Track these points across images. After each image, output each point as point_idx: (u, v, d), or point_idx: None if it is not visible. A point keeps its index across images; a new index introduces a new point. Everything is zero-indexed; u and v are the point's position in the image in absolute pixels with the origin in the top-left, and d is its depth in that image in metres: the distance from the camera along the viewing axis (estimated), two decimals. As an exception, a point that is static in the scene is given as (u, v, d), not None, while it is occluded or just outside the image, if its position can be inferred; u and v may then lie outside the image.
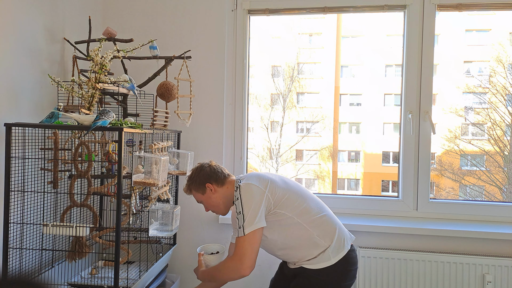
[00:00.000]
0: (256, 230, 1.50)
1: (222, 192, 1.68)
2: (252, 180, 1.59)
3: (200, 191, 1.69)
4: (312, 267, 1.58)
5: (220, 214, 1.76)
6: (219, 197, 1.68)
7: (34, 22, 1.75)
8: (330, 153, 6.30)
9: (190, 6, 2.28)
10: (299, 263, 1.62)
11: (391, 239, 2.12)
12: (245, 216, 1.51)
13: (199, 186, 1.69)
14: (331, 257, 1.58)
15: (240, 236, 1.51)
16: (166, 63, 1.95)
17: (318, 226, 1.60)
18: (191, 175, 1.73)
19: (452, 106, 4.18)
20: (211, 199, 1.69)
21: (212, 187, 1.67)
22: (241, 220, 1.51)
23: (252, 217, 1.51)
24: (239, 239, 1.51)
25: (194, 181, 1.70)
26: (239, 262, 1.51)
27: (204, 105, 2.25)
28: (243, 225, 1.50)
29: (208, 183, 1.67)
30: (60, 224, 1.53)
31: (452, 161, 4.41)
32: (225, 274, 1.57)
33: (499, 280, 1.98)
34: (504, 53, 3.83)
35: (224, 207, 1.71)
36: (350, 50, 6.36)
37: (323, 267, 1.57)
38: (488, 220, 2.17)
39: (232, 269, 1.53)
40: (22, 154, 1.58)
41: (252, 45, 2.39)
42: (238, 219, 1.53)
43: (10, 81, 1.61)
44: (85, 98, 1.66)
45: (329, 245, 1.58)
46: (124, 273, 1.79)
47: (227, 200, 1.69)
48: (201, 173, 1.69)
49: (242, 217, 1.52)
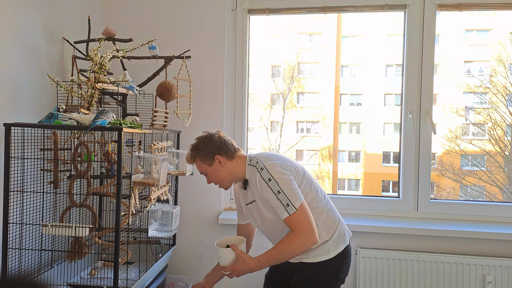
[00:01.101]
0: (303, 202, 1.48)
1: (230, 166, 1.58)
2: (275, 161, 1.54)
3: (207, 162, 1.58)
4: (311, 260, 1.57)
5: (223, 188, 1.66)
6: (227, 171, 1.58)
7: (33, 21, 1.74)
8: (330, 153, 6.29)
9: (189, 6, 2.27)
10: (298, 257, 1.60)
11: (392, 239, 2.11)
12: (287, 193, 1.47)
13: (206, 156, 1.57)
14: (330, 250, 1.57)
15: (293, 213, 1.46)
16: (165, 63, 1.95)
17: (322, 218, 1.59)
18: (197, 144, 1.59)
19: (452, 106, 4.17)
20: (218, 172, 1.59)
21: (221, 160, 1.57)
22: (284, 199, 1.46)
23: (294, 192, 1.48)
24: (293, 216, 1.46)
25: (201, 150, 1.57)
26: (307, 234, 1.46)
27: (203, 105, 2.25)
28: (290, 202, 1.46)
29: (218, 154, 1.56)
30: (60, 225, 1.53)
31: (452, 161, 4.40)
32: (295, 251, 1.50)
33: (499, 280, 1.97)
34: (504, 53, 3.82)
35: (229, 182, 1.62)
36: (350, 50, 6.35)
37: (322, 260, 1.57)
38: (488, 220, 2.16)
39: (302, 243, 1.47)
40: (22, 154, 1.58)
41: (252, 45, 2.38)
42: (280, 199, 1.47)
43: (10, 81, 1.61)
44: (84, 98, 1.65)
45: (329, 238, 1.58)
46: (124, 274, 1.78)
47: (234, 175, 1.60)
48: (211, 143, 1.57)
49: (284, 195, 1.46)
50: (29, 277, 1.60)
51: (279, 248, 1.50)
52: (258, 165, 1.53)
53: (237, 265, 1.51)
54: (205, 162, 1.59)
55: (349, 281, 2.16)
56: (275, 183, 1.48)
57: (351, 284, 2.16)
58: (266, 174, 1.49)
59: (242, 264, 1.50)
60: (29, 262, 1.61)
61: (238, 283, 2.26)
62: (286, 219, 1.48)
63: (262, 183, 1.50)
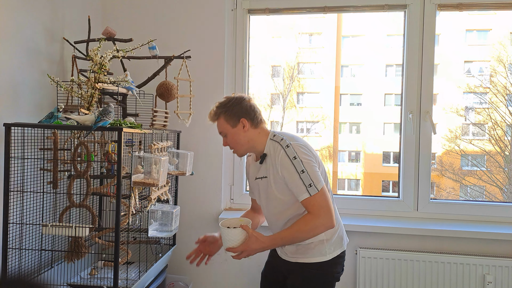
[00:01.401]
0: (324, 186, 1.48)
1: (252, 134, 1.55)
2: (300, 142, 1.54)
3: (231, 123, 1.54)
4: (307, 260, 1.57)
5: (237, 154, 1.61)
6: (247, 138, 1.55)
7: (33, 22, 1.74)
8: (330, 153, 6.29)
9: (190, 6, 2.27)
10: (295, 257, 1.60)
11: (392, 239, 2.11)
12: (310, 174, 1.45)
13: (232, 117, 1.54)
14: (327, 253, 1.56)
15: (315, 193, 1.45)
16: (165, 63, 1.95)
17: None
18: (225, 102, 1.56)
19: (452, 106, 4.17)
20: (238, 136, 1.55)
21: (246, 124, 1.54)
22: (307, 179, 1.45)
23: (317, 174, 1.47)
24: (314, 197, 1.45)
25: (229, 109, 1.54)
26: (326, 217, 1.45)
27: (204, 105, 2.25)
28: (313, 183, 1.45)
29: (244, 118, 1.54)
30: (60, 225, 1.53)
31: (452, 161, 4.40)
32: (311, 233, 1.48)
33: (499, 280, 1.97)
34: (504, 53, 3.82)
35: (245, 149, 1.59)
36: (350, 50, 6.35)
37: (318, 261, 1.56)
38: (489, 220, 2.16)
39: (320, 225, 1.46)
40: (21, 154, 1.58)
41: (252, 45, 2.38)
42: (303, 178, 1.45)
43: (10, 81, 1.61)
44: (84, 98, 1.65)
45: (327, 239, 1.56)
46: (124, 274, 1.78)
47: (253, 145, 1.57)
48: (240, 105, 1.54)
49: (307, 175, 1.45)
50: (29, 277, 1.60)
51: (296, 229, 1.48)
52: (283, 142, 1.50)
53: (250, 244, 1.47)
54: (229, 122, 1.55)
55: (349, 281, 2.16)
56: (300, 162, 1.46)
57: (351, 284, 2.16)
58: (292, 152, 1.47)
59: (255, 242, 1.47)
60: (29, 262, 1.61)
61: (235, 280, 2.27)
62: (306, 200, 1.46)
63: (286, 160, 1.47)
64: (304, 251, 1.58)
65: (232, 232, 1.48)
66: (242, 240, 1.49)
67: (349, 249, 2.13)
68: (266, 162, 1.56)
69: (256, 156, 1.62)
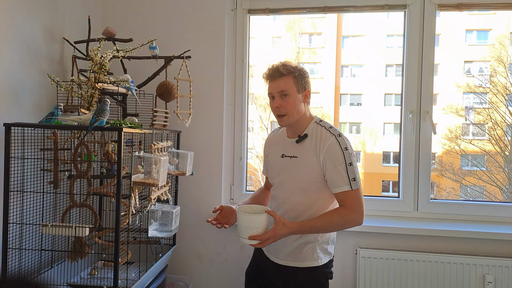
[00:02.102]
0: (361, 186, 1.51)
1: (304, 109, 1.55)
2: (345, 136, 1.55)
3: (298, 87, 1.51)
4: (298, 265, 1.56)
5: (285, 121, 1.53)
6: (302, 109, 1.53)
7: (33, 21, 1.74)
8: (330, 153, 6.30)
9: (190, 6, 2.27)
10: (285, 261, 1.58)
11: (392, 239, 2.11)
12: (355, 169, 1.47)
13: (302, 83, 1.52)
14: (319, 257, 1.56)
15: (356, 189, 1.46)
16: (165, 63, 1.95)
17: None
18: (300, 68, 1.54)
19: (452, 106, 4.17)
20: (296, 103, 1.51)
21: (308, 97, 1.55)
22: (353, 173, 1.46)
23: (358, 171, 1.50)
24: (355, 191, 1.46)
25: (302, 75, 1.52)
26: (360, 213, 1.48)
27: (204, 105, 2.25)
28: (357, 178, 1.47)
29: (308, 90, 1.54)
30: (60, 225, 1.53)
31: (452, 161, 4.40)
32: (342, 226, 1.51)
33: (499, 280, 1.97)
34: (504, 53, 3.82)
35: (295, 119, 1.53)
36: (350, 50, 6.36)
37: (309, 266, 1.55)
38: (488, 220, 2.16)
39: (353, 219, 1.49)
40: (22, 154, 1.58)
41: (252, 45, 2.38)
42: (349, 171, 1.46)
43: (10, 81, 1.61)
44: (84, 98, 1.65)
45: (321, 242, 1.56)
46: (124, 274, 1.78)
47: (301, 119, 1.55)
48: (308, 79, 1.56)
49: (353, 169, 1.46)
50: (29, 277, 1.60)
51: (328, 219, 1.47)
52: (333, 130, 1.51)
53: (278, 230, 1.40)
54: (297, 86, 1.51)
55: (349, 281, 2.16)
56: (350, 154, 1.48)
57: (351, 284, 2.16)
58: (344, 143, 1.48)
59: (283, 228, 1.41)
60: (29, 262, 1.61)
61: (235, 280, 2.27)
62: (345, 192, 1.46)
63: (337, 149, 1.47)
64: (296, 254, 1.56)
65: (257, 218, 1.39)
66: (265, 226, 1.41)
67: (349, 249, 2.14)
68: (304, 143, 1.54)
69: (292, 133, 1.58)
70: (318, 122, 1.56)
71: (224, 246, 2.28)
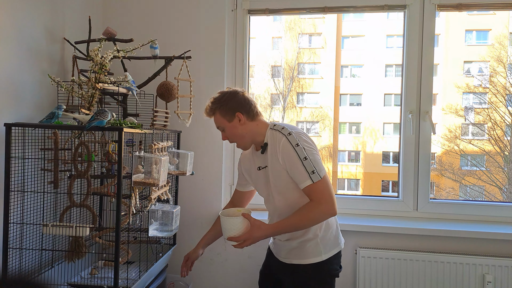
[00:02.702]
0: (326, 173, 1.48)
1: (250, 127, 1.57)
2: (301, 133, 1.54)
3: (227, 117, 1.56)
4: (302, 262, 1.56)
5: (241, 147, 1.63)
6: (245, 131, 1.56)
7: (34, 22, 1.74)
8: (330, 153, 6.31)
9: (190, 6, 2.28)
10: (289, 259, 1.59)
11: (391, 239, 2.12)
12: (313, 161, 1.46)
13: (227, 112, 1.55)
14: (322, 252, 1.55)
15: (318, 181, 1.44)
16: (166, 63, 1.95)
17: None
18: (220, 98, 1.57)
19: (452, 106, 4.17)
20: (235, 129, 1.56)
21: (242, 118, 1.55)
22: (310, 166, 1.45)
23: (319, 162, 1.48)
24: (316, 184, 1.44)
25: (224, 105, 1.55)
26: (328, 204, 1.45)
27: (204, 105, 2.24)
28: (316, 170, 1.45)
29: (239, 112, 1.55)
30: (60, 224, 1.53)
31: (452, 161, 4.41)
32: (314, 220, 1.49)
33: (499, 280, 1.98)
34: (504, 53, 3.83)
35: (246, 142, 1.60)
36: (350, 50, 6.36)
37: (313, 262, 1.55)
38: (488, 220, 2.17)
39: (323, 212, 1.46)
40: (22, 154, 1.58)
41: (252, 45, 2.39)
42: (306, 165, 1.45)
43: (10, 81, 1.61)
44: (85, 98, 1.66)
45: (321, 237, 1.56)
46: (124, 273, 1.78)
47: (252, 136, 1.58)
48: (234, 100, 1.56)
49: (310, 162, 1.45)
50: (29, 277, 1.60)
51: (298, 216, 1.47)
52: (284, 131, 1.51)
53: (253, 232, 1.46)
54: (225, 117, 1.56)
55: (348, 280, 2.16)
56: (302, 149, 1.47)
57: (351, 284, 2.17)
58: (294, 139, 1.48)
59: (258, 230, 1.46)
60: (30, 262, 1.62)
61: (235, 280, 2.27)
62: (308, 187, 1.45)
63: (288, 148, 1.48)
64: (298, 252, 1.57)
65: (234, 220, 1.46)
66: (243, 228, 1.47)
67: (348, 249, 2.14)
68: (267, 151, 1.56)
69: (257, 147, 1.62)
70: (272, 127, 1.56)
71: (224, 246, 2.29)
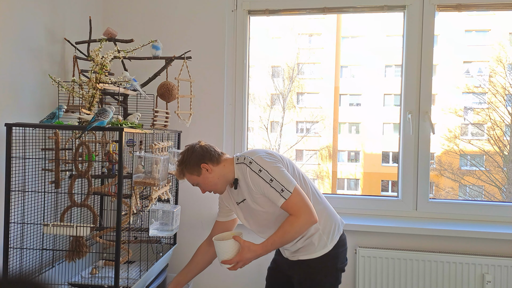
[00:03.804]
0: (296, 185, 1.51)
1: (218, 171, 1.61)
2: (261, 153, 1.58)
3: (195, 173, 1.61)
4: (309, 257, 1.60)
5: (218, 193, 1.68)
6: (216, 176, 1.61)
7: (34, 22, 1.75)
8: (329, 153, 6.31)
9: (190, 6, 2.28)
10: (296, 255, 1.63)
11: (391, 239, 2.12)
12: (279, 179, 1.50)
13: (193, 168, 1.61)
14: (327, 243, 1.59)
15: (289, 197, 1.49)
16: (166, 63, 1.95)
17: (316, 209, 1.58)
18: (182, 159, 1.63)
19: (451, 106, 4.18)
20: (208, 180, 1.61)
21: (208, 167, 1.59)
22: (278, 185, 1.49)
23: (285, 177, 1.52)
24: (289, 200, 1.49)
25: (187, 163, 1.61)
26: (306, 214, 1.49)
27: (204, 105, 2.26)
28: (284, 187, 1.49)
29: (203, 163, 1.59)
30: (61, 224, 1.54)
31: (451, 161, 4.42)
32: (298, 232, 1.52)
33: (498, 280, 1.98)
34: (504, 53, 3.83)
35: (221, 185, 1.64)
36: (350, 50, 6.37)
37: (320, 255, 1.59)
38: (487, 220, 2.17)
39: (303, 223, 1.50)
40: (23, 154, 1.58)
41: (252, 45, 2.39)
42: (274, 186, 1.50)
43: (11, 81, 1.61)
44: (85, 98, 1.66)
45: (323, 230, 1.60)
46: (125, 273, 1.79)
47: (225, 178, 1.62)
48: (194, 155, 1.61)
49: (277, 182, 1.50)
50: (30, 277, 1.61)
51: (282, 231, 1.51)
52: (246, 160, 1.56)
53: (244, 254, 1.51)
54: (193, 173, 1.61)
55: (348, 280, 2.17)
56: (266, 172, 1.51)
57: (351, 283, 2.17)
58: (256, 166, 1.53)
59: (248, 252, 1.51)
60: (30, 262, 1.62)
61: (235, 280, 2.28)
62: (283, 204, 1.50)
63: (253, 176, 1.53)
64: (305, 249, 1.61)
65: (225, 244, 1.53)
66: (235, 251, 1.53)
67: (348, 249, 2.14)
68: (239, 186, 1.61)
69: (230, 184, 1.66)
70: (237, 162, 1.59)
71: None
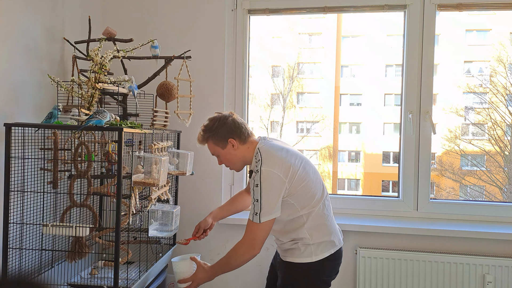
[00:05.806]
0: (271, 220, 1.49)
1: (242, 151, 1.57)
2: (275, 168, 1.48)
3: (220, 145, 1.57)
4: (293, 260, 1.59)
5: (234, 170, 1.67)
6: (239, 155, 1.58)
7: (33, 22, 1.74)
8: (330, 153, 6.30)
9: (190, 6, 2.27)
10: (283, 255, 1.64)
11: (391, 239, 2.12)
12: (263, 206, 1.46)
13: (220, 139, 1.56)
14: (312, 254, 1.57)
15: (255, 222, 1.47)
16: (166, 63, 1.95)
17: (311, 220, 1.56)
18: (210, 126, 1.57)
19: (452, 106, 4.17)
20: (230, 155, 1.58)
21: (234, 143, 1.55)
22: (257, 208, 1.47)
23: (270, 207, 1.47)
24: (252, 224, 1.48)
25: (215, 133, 1.56)
26: (251, 247, 1.50)
27: (204, 105, 2.25)
28: (260, 214, 1.46)
29: (231, 138, 1.55)
30: (60, 224, 1.53)
31: (452, 161, 4.41)
32: (239, 259, 1.53)
33: (499, 280, 1.98)
34: (504, 53, 3.82)
35: (241, 165, 1.63)
36: (350, 50, 6.36)
37: (304, 262, 1.57)
38: (488, 220, 2.16)
39: (244, 251, 1.51)
40: (22, 154, 1.58)
41: (252, 45, 2.38)
42: (255, 205, 1.47)
43: (10, 81, 1.61)
44: (84, 98, 1.65)
45: (312, 243, 1.57)
46: (124, 273, 1.78)
47: (245, 159, 1.60)
48: (225, 127, 1.55)
49: (259, 205, 1.46)
50: (29, 277, 1.60)
51: (227, 255, 1.57)
52: (258, 164, 1.50)
53: (197, 273, 1.58)
54: (218, 145, 1.58)
55: (348, 280, 2.16)
56: (259, 191, 1.48)
57: (351, 284, 2.17)
58: (258, 179, 1.48)
59: (202, 272, 1.58)
60: (30, 262, 1.61)
61: (235, 280, 2.27)
62: (248, 221, 1.53)
63: (252, 183, 1.51)
64: (292, 252, 1.61)
65: (182, 264, 1.60)
66: (192, 271, 1.60)
67: (349, 249, 2.14)
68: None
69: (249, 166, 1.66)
70: (255, 155, 1.55)
71: (224, 246, 2.28)
